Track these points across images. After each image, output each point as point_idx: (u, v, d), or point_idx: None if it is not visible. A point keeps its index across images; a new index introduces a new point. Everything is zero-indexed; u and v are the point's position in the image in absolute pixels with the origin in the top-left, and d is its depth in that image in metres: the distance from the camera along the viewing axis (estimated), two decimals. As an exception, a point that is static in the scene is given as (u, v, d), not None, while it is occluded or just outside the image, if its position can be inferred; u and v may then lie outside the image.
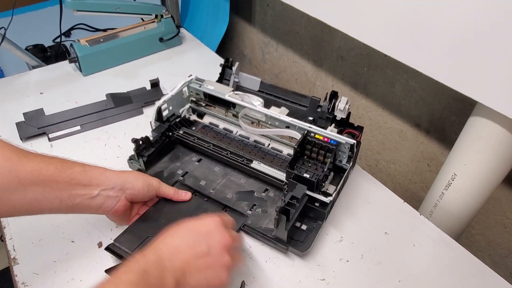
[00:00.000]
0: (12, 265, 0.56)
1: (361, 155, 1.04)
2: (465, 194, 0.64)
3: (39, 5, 1.47)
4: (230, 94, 0.71)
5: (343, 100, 0.66)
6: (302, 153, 0.64)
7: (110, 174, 0.52)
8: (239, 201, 0.64)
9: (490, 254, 0.83)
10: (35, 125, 0.79)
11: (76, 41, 0.97)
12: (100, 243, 0.59)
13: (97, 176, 0.50)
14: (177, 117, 0.76)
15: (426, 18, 0.57)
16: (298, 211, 0.55)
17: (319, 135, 0.63)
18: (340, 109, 0.66)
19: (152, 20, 1.07)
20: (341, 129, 0.67)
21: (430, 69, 0.60)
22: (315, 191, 0.59)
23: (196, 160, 0.71)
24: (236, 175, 0.69)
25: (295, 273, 0.56)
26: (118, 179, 0.52)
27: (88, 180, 0.49)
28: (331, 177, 0.64)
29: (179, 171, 0.69)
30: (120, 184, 0.52)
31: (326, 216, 0.60)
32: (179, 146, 0.74)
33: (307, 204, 0.59)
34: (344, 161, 0.65)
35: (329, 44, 0.98)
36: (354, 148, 0.62)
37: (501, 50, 0.50)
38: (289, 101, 0.74)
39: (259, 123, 0.71)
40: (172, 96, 0.73)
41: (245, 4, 1.24)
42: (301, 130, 0.65)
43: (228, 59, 0.78)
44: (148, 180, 0.56)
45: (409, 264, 0.58)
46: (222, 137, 0.74)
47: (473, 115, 0.60)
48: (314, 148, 0.63)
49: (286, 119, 0.66)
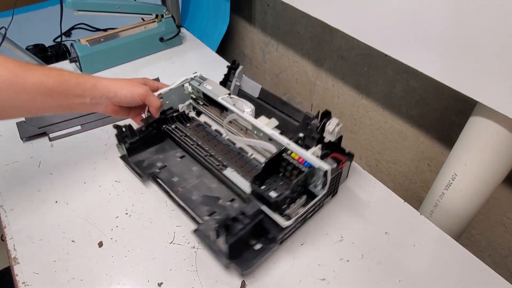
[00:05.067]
0: (12, 265, 0.56)
1: (362, 155, 1.04)
2: (465, 194, 0.64)
3: (40, 4, 1.47)
4: (224, 97, 0.70)
5: (333, 122, 0.62)
6: (276, 170, 0.61)
7: (100, 85, 0.62)
8: (202, 204, 0.62)
9: (490, 254, 0.83)
10: (36, 124, 0.79)
11: (77, 41, 0.97)
12: (101, 243, 0.59)
13: (89, 88, 0.60)
14: (175, 111, 0.77)
15: (427, 18, 0.57)
16: (247, 228, 0.53)
17: (295, 154, 0.60)
18: (329, 131, 0.62)
19: (152, 20, 1.07)
20: (327, 152, 0.63)
21: (430, 69, 0.60)
22: (274, 212, 0.55)
23: (179, 156, 0.72)
24: (210, 178, 0.68)
25: (295, 273, 0.56)
26: (105, 88, 0.62)
27: (81, 91, 0.59)
28: (302, 200, 0.59)
29: (158, 163, 0.70)
30: (106, 93, 0.62)
31: (279, 241, 0.56)
32: (168, 139, 0.75)
33: (262, 224, 0.55)
34: (319, 187, 0.59)
35: (330, 44, 0.98)
36: (328, 175, 0.56)
37: (502, 50, 0.50)
38: (284, 113, 0.71)
39: (247, 131, 0.70)
40: (170, 90, 0.74)
41: (246, 4, 1.24)
42: (279, 145, 0.63)
43: (235, 61, 0.78)
44: (133, 89, 0.65)
45: (409, 264, 0.58)
46: (211, 138, 0.74)
47: (474, 115, 0.60)
48: (288, 167, 0.60)
49: (267, 131, 0.64)
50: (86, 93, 0.60)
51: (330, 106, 1.06)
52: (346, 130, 1.05)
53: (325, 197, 0.61)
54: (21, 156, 0.74)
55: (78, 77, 0.60)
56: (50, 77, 0.55)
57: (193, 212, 0.61)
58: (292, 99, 1.21)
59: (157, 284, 0.54)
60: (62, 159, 0.74)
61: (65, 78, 0.57)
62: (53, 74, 0.56)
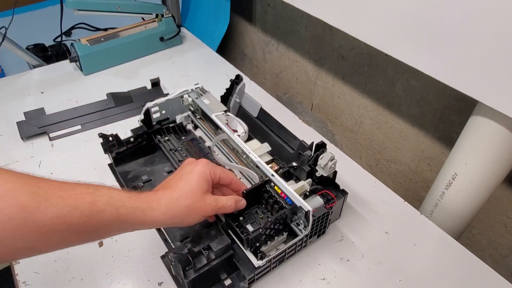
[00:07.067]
0: (13, 264, 0.56)
1: (362, 154, 1.04)
2: (465, 193, 0.64)
3: (40, 4, 1.47)
4: (218, 114, 0.67)
5: (326, 156, 0.57)
6: (258, 200, 0.57)
7: (148, 219, 0.44)
8: (176, 227, 0.58)
9: (490, 253, 0.83)
10: (36, 124, 0.79)
11: (77, 41, 0.97)
12: (101, 242, 0.59)
13: (132, 222, 0.43)
14: (171, 122, 0.75)
15: (427, 17, 0.57)
16: (212, 264, 0.49)
17: (278, 187, 0.55)
18: (321, 165, 0.57)
19: (152, 20, 1.07)
20: (318, 188, 0.58)
21: (431, 69, 0.60)
22: (246, 249, 0.52)
23: (166, 171, 0.69)
24: None
25: (295, 273, 0.56)
26: (154, 223, 0.45)
27: (119, 226, 0.43)
28: (282, 238, 0.54)
29: (144, 176, 0.67)
30: (154, 226, 0.47)
31: (248, 281, 0.51)
32: (160, 151, 0.72)
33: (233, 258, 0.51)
34: (302, 226, 0.54)
35: (330, 44, 0.98)
36: (309, 216, 0.51)
37: (502, 50, 0.50)
38: (280, 138, 0.69)
39: (237, 152, 0.67)
40: (167, 101, 0.71)
41: (246, 3, 1.24)
42: (263, 175, 0.58)
43: (238, 76, 0.74)
44: (202, 212, 0.48)
45: (409, 264, 0.58)
46: (202, 155, 0.71)
47: (474, 115, 0.60)
48: (270, 200, 0.55)
49: (254, 158, 0.59)
50: (127, 227, 0.44)
51: (330, 106, 1.06)
52: (346, 130, 1.05)
53: (308, 238, 0.56)
54: (21, 156, 0.74)
55: (118, 206, 0.41)
56: (78, 208, 0.39)
57: (167, 234, 0.57)
58: (292, 98, 1.21)
59: (158, 283, 0.54)
60: (62, 159, 0.74)
61: (99, 208, 0.40)
62: (82, 203, 0.39)
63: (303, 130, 0.82)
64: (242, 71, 1.00)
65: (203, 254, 0.50)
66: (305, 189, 0.57)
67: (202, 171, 0.49)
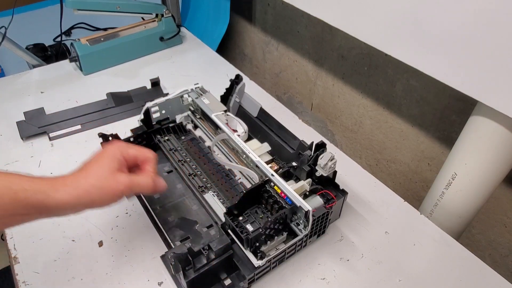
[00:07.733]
0: (13, 264, 0.56)
1: (362, 154, 1.04)
2: (465, 193, 0.64)
3: (40, 4, 1.47)
4: (218, 114, 0.67)
5: (325, 156, 0.57)
6: (258, 200, 0.57)
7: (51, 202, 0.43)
8: (176, 227, 0.59)
9: (490, 253, 0.83)
10: (36, 124, 0.79)
11: (77, 40, 0.97)
12: (101, 242, 0.59)
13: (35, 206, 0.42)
14: (171, 122, 0.75)
15: (427, 17, 0.57)
16: (212, 264, 0.49)
17: (277, 187, 0.55)
18: (320, 165, 0.57)
19: (152, 19, 1.07)
20: (318, 188, 0.58)
21: (430, 69, 0.60)
22: (246, 249, 0.52)
23: (166, 171, 0.69)
24: (192, 199, 0.64)
25: (295, 273, 0.56)
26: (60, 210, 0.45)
27: (23, 210, 0.42)
28: (282, 237, 0.55)
29: None
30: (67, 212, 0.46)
31: (248, 281, 0.52)
32: (160, 151, 0.72)
33: (233, 258, 0.52)
34: (301, 226, 0.55)
35: (330, 44, 0.98)
36: (309, 216, 0.52)
37: (502, 49, 0.50)
38: (280, 138, 0.69)
39: (237, 152, 0.67)
40: (167, 100, 0.71)
41: (246, 3, 1.24)
42: (263, 175, 0.58)
43: (238, 76, 0.74)
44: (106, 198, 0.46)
45: (409, 264, 0.58)
46: (202, 155, 0.71)
47: (474, 115, 0.60)
48: (270, 200, 0.56)
49: (254, 158, 0.59)
50: (29, 212, 0.42)
51: (330, 106, 1.06)
52: (346, 130, 1.05)
53: (308, 238, 0.57)
54: (21, 156, 0.74)
55: (18, 189, 0.41)
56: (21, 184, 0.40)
57: (167, 234, 0.58)
58: (292, 98, 1.21)
59: (157, 283, 0.54)
60: (62, 159, 0.74)
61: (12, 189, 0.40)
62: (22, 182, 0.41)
63: (303, 130, 0.82)
64: (242, 71, 1.00)
65: (203, 254, 0.50)
66: (305, 189, 0.57)
67: (111, 150, 0.49)
